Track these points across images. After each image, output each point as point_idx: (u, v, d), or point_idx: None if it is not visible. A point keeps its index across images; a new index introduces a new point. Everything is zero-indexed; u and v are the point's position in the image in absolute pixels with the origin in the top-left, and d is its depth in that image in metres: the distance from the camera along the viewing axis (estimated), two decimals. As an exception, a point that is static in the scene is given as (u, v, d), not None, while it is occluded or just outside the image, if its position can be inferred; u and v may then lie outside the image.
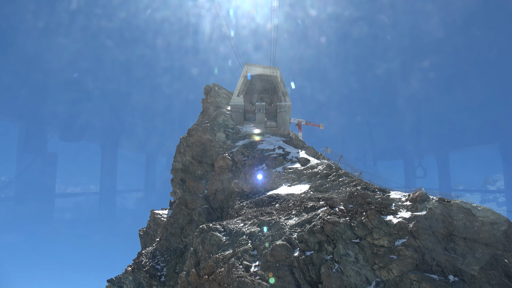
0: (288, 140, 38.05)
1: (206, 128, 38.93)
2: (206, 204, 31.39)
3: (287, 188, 24.36)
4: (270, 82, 46.46)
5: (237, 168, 31.22)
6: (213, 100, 47.61)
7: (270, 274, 15.60)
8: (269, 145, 33.25)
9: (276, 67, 44.35)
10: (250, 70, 44.73)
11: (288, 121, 44.72)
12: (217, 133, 38.22)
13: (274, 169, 28.09)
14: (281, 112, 42.61)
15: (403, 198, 19.17)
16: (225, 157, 32.45)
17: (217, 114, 42.13)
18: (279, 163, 28.74)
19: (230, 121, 41.73)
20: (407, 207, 18.01)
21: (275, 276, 15.49)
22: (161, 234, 33.23)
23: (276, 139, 37.45)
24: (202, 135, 38.94)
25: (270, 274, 15.60)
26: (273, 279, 15.29)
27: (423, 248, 15.58)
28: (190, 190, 33.89)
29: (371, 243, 16.13)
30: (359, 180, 21.82)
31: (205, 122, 41.45)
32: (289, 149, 32.20)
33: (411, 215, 17.12)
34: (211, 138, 37.90)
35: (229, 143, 36.82)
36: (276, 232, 17.98)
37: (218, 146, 37.00)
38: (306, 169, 26.40)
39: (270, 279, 15.33)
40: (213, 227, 20.27)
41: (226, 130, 39.37)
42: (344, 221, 17.16)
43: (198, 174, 35.96)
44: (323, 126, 72.94)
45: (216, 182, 31.91)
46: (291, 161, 28.96)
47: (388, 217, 17.25)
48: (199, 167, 36.34)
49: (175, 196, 38.43)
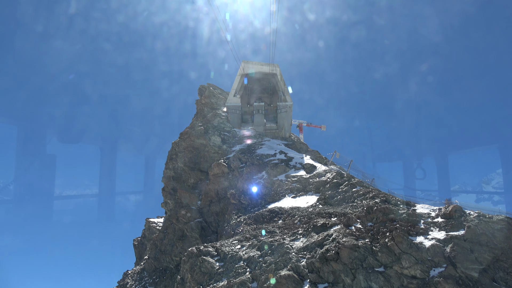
0: (290, 144, 35.08)
1: (200, 131, 35.97)
2: (199, 217, 28.37)
3: (291, 200, 21.38)
4: (269, 80, 43.60)
5: (234, 176, 28.23)
6: (207, 101, 44.67)
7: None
8: (269, 150, 30.28)
9: (275, 64, 41.53)
10: (247, 68, 41.87)
11: (289, 122, 41.83)
12: (212, 137, 35.25)
13: (276, 177, 25.12)
14: (282, 112, 39.73)
15: (433, 213, 16.20)
16: (221, 164, 29.47)
17: (211, 116, 39.19)
18: (281, 170, 25.76)
19: (226, 124, 38.77)
20: (439, 225, 15.03)
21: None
22: (150, 251, 30.15)
23: (277, 142, 34.49)
24: (195, 139, 35.97)
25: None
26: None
27: (466, 280, 12.59)
28: (182, 201, 30.86)
29: (399, 273, 13.12)
30: (376, 191, 18.85)
31: (198, 125, 38.49)
32: (291, 154, 29.23)
33: (446, 236, 14.13)
34: (205, 143, 34.94)
35: (225, 148, 33.86)
36: (280, 258, 14.97)
37: (213, 151, 34.02)
38: (312, 177, 23.40)
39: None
40: (204, 251, 17.25)
41: (222, 134, 36.42)
42: (363, 244, 14.16)
43: (191, 183, 32.94)
44: (325, 128, 70.02)
45: (211, 192, 28.90)
46: (295, 167, 25.98)
47: (417, 239, 14.26)
48: (192, 175, 33.33)
49: (166, 208, 35.38)
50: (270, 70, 41.25)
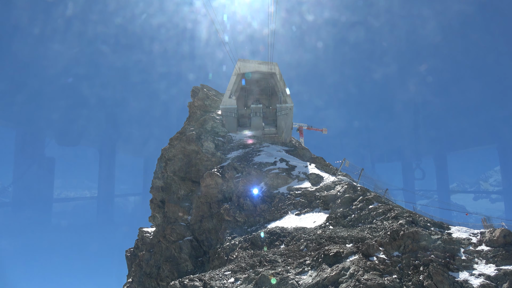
0: (292, 150, 32.09)
1: (191, 136, 32.96)
2: (189, 235, 25.27)
3: (295, 219, 18.35)
4: (267, 80, 40.74)
5: (229, 188, 25.21)
6: (201, 103, 41.69)
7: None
8: (268, 157, 27.30)
9: (274, 62, 38.69)
10: (243, 67, 39.01)
11: (290, 126, 38.90)
12: (205, 143, 32.23)
13: (276, 189, 22.11)
14: (282, 115, 36.81)
15: (473, 238, 13.19)
16: (213, 174, 26.45)
17: (204, 119, 36.21)
18: (282, 182, 22.76)
19: (221, 128, 35.79)
20: (485, 256, 12.02)
21: None
22: (134, 274, 26.96)
23: (277, 148, 31.51)
24: (186, 145, 32.95)
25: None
26: None
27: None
28: (170, 215, 27.77)
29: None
30: (399, 208, 15.85)
31: (190, 130, 35.49)
32: (294, 162, 26.25)
33: (497, 272, 11.13)
34: (197, 149, 31.91)
35: (219, 155, 30.85)
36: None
37: (205, 159, 30.99)
38: (319, 190, 20.39)
39: None
40: (189, 285, 14.15)
41: (216, 139, 33.41)
42: (391, 283, 11.12)
43: (181, 195, 29.86)
44: (326, 131, 67.15)
45: (202, 206, 25.83)
46: (298, 178, 22.99)
47: (461, 275, 11.27)
48: (183, 186, 30.26)
49: (154, 222, 32.24)
50: (269, 69, 38.39)
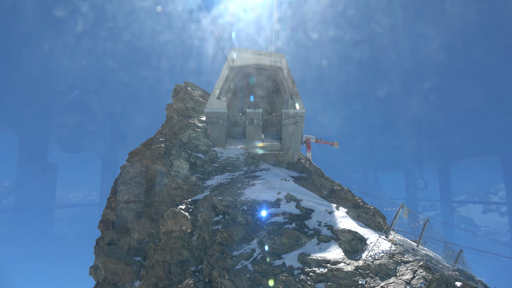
0: (304, 177, 22.68)
1: (157, 151, 23.73)
2: (132, 319, 15.74)
3: None
4: (270, 77, 31.66)
5: (201, 242, 15.83)
6: (181, 105, 32.55)
7: None
8: (267, 190, 17.94)
9: (280, 53, 29.73)
10: (239, 58, 30.02)
11: (299, 139, 29.69)
12: (176, 161, 22.96)
13: (281, 258, 12.65)
14: (289, 124, 27.60)
15: None
16: (179, 214, 17.12)
17: (180, 127, 26.96)
18: (290, 243, 13.32)
19: (203, 140, 26.53)
20: None
21: None
22: None
23: (281, 173, 22.18)
24: (149, 163, 23.71)
25: None
26: None
27: None
28: (112, 278, 18.30)
29: None
30: None
31: (159, 141, 26.25)
32: (309, 201, 16.84)
33: None
34: (164, 170, 22.67)
35: (194, 181, 21.57)
36: None
37: (174, 185, 21.71)
38: (364, 270, 10.88)
39: None
40: None
41: (193, 156, 24.14)
42: None
43: (134, 241, 20.48)
44: (337, 145, 59.20)
45: (157, 269, 16.39)
46: (319, 236, 13.56)
47: None
48: (137, 226, 20.91)
49: (95, 276, 22.63)
50: (273, 62, 29.38)
